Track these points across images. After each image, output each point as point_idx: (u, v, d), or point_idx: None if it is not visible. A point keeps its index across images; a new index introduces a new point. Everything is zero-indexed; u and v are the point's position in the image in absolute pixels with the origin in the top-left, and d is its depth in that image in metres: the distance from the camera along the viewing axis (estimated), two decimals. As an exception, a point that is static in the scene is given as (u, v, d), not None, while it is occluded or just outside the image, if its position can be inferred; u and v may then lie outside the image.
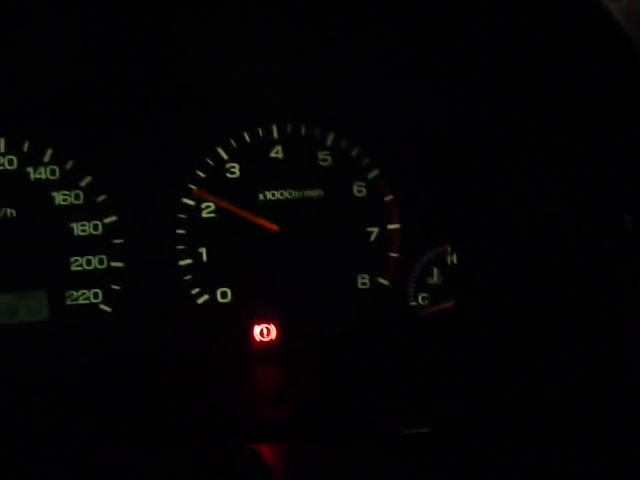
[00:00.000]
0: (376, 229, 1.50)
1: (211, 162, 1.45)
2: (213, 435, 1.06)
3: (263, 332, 1.46)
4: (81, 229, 1.40)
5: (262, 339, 1.46)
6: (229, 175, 1.45)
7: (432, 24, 1.14)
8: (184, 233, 1.43)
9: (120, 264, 1.41)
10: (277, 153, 1.47)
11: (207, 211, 1.44)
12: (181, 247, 1.43)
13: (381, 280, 1.50)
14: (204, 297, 1.44)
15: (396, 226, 1.50)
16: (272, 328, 1.46)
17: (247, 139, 1.46)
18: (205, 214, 1.44)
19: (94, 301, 1.40)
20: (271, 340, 1.46)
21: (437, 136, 1.47)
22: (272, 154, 1.47)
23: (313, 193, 1.47)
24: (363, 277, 1.49)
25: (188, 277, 1.43)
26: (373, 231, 1.49)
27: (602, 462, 0.92)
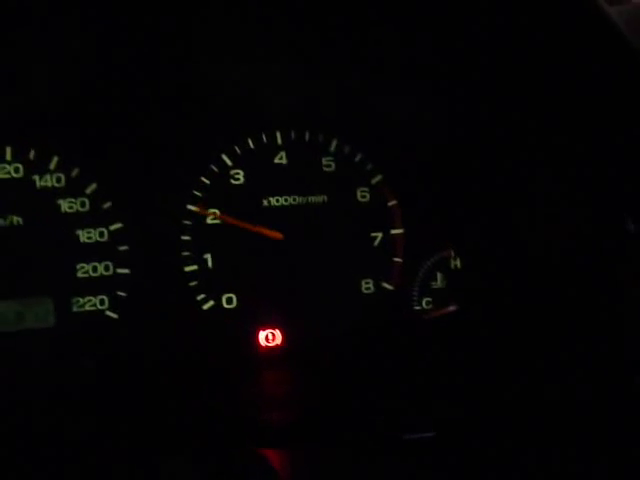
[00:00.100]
0: (380, 234, 1.50)
1: (215, 169, 1.45)
2: (219, 440, 1.07)
3: (268, 337, 1.46)
4: (87, 236, 1.40)
5: (267, 344, 1.46)
6: (233, 181, 1.46)
7: (433, 27, 1.14)
8: (189, 239, 1.44)
9: (126, 270, 1.42)
10: (281, 159, 1.47)
11: (212, 218, 1.45)
12: (186, 253, 1.44)
13: (385, 285, 1.51)
14: (210, 303, 1.45)
15: (400, 231, 1.51)
16: (277, 333, 1.46)
17: (251, 145, 1.47)
18: (210, 220, 1.45)
19: (100, 307, 1.41)
20: (276, 345, 1.46)
21: (439, 141, 1.48)
22: (276, 160, 1.47)
23: (317, 198, 1.48)
24: (367, 282, 1.50)
25: (193, 283, 1.44)
26: (377, 236, 1.50)
27: (602, 462, 0.93)
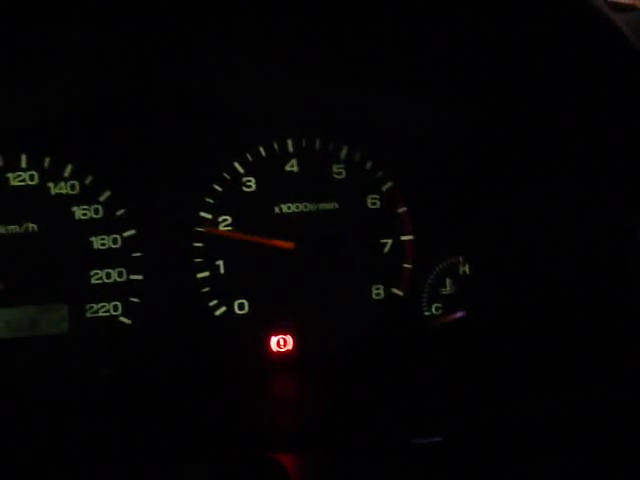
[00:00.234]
0: (390, 240, 1.51)
1: (227, 176, 1.46)
2: (231, 446, 1.07)
3: (280, 343, 1.47)
4: (101, 243, 1.42)
5: (279, 350, 1.47)
6: (245, 189, 1.47)
7: (444, 35, 1.15)
8: (202, 246, 1.45)
9: (139, 277, 1.43)
10: (292, 167, 1.48)
11: (224, 224, 1.46)
12: (199, 260, 1.45)
13: (395, 291, 1.52)
14: (222, 309, 1.46)
15: (410, 237, 1.52)
16: (289, 339, 1.47)
17: (263, 153, 1.48)
18: (222, 227, 1.46)
19: (114, 314, 1.42)
20: (288, 351, 1.47)
21: (450, 148, 1.49)
22: (287, 168, 1.48)
23: (328, 206, 1.49)
24: (377, 288, 1.51)
25: (206, 289, 1.45)
26: (387, 242, 1.51)
27: (602, 462, 0.94)
